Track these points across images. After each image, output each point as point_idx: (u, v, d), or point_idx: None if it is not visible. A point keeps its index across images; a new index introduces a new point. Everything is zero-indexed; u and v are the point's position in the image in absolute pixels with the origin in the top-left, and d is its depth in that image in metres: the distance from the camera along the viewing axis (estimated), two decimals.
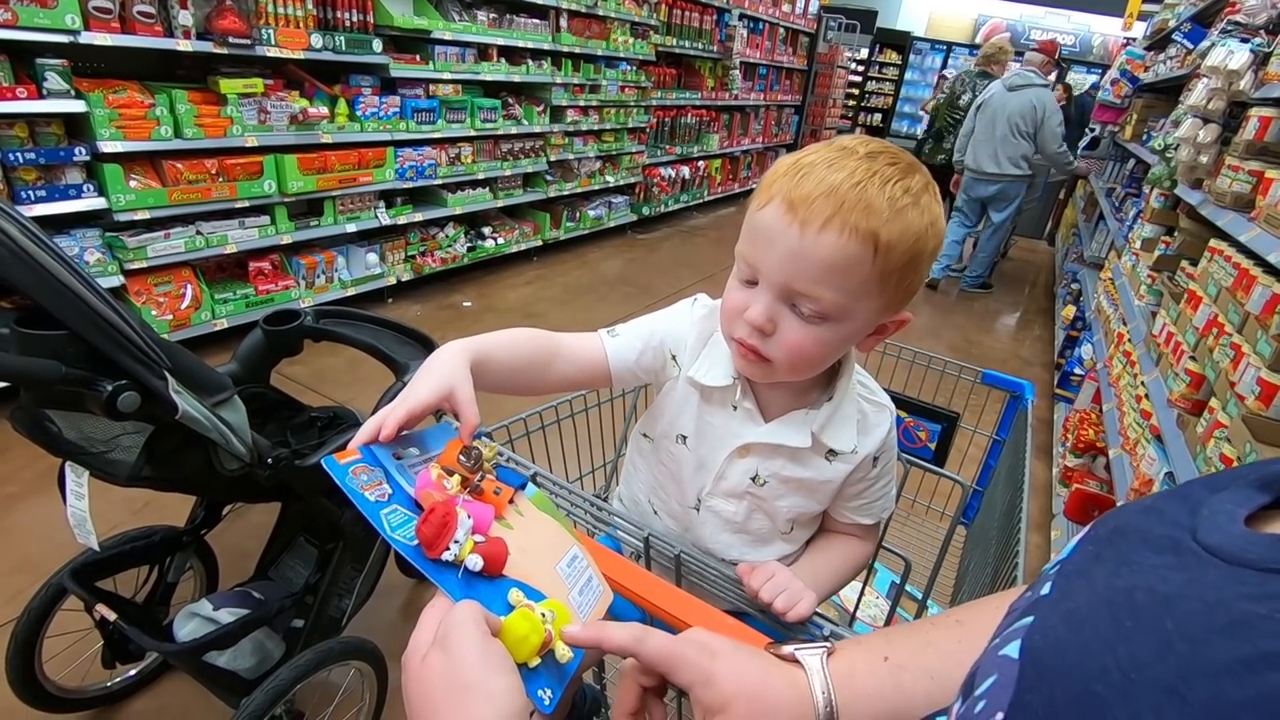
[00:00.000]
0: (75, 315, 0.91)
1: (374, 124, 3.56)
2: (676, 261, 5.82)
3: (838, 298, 0.68)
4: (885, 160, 0.68)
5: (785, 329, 0.71)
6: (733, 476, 0.82)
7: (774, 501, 0.83)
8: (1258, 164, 1.90)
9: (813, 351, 0.72)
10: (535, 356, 0.81)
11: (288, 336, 1.63)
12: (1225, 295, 1.78)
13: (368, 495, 0.56)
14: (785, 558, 0.88)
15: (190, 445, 1.14)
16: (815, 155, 0.70)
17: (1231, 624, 0.24)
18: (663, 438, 0.88)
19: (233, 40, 2.84)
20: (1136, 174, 4.24)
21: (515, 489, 0.65)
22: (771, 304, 0.70)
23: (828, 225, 0.65)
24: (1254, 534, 0.28)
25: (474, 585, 0.55)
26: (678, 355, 0.85)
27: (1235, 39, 2.07)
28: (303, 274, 3.49)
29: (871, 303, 0.70)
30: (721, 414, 0.82)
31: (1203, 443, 1.60)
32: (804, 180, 0.67)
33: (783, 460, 0.81)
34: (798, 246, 0.67)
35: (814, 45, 9.08)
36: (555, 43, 4.60)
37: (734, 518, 0.84)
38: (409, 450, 0.64)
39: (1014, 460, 1.37)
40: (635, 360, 0.85)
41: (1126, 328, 2.76)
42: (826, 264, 0.66)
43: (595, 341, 0.87)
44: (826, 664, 0.53)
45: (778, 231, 0.68)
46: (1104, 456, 2.61)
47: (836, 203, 0.65)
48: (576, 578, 0.62)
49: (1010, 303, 5.77)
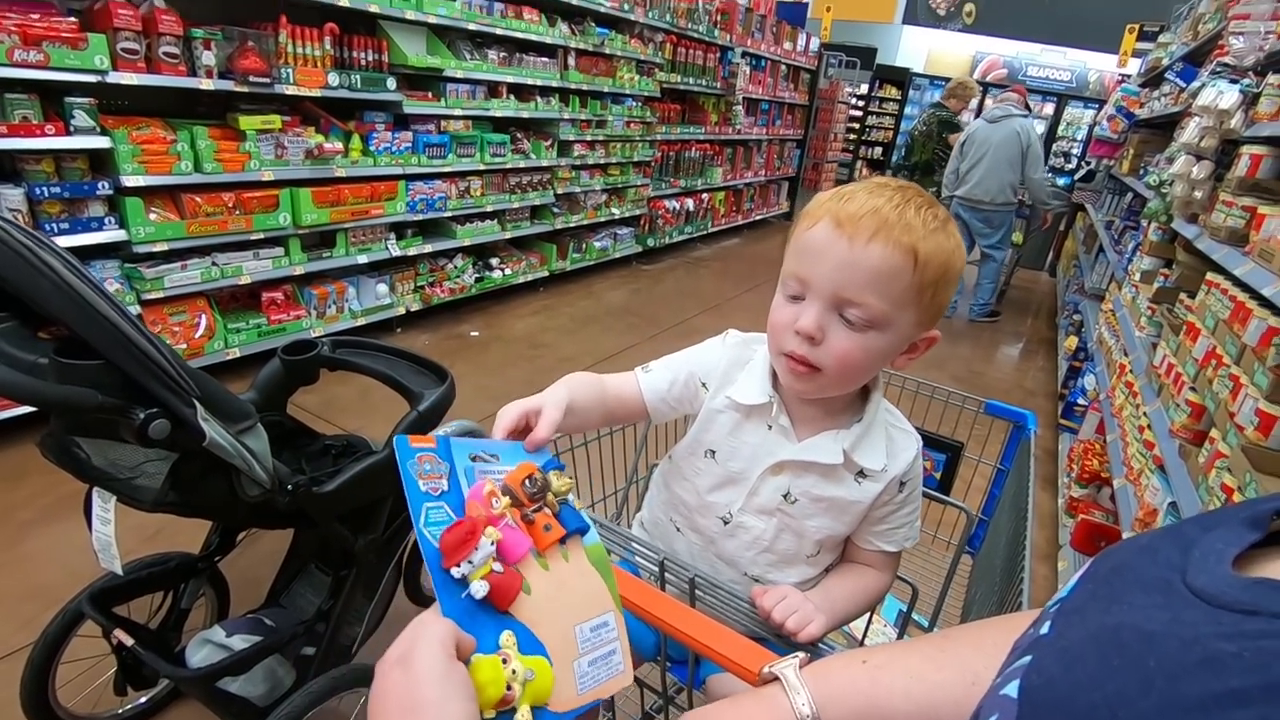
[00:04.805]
0: (113, 346, 0.95)
1: (387, 158, 3.65)
2: (681, 292, 5.88)
3: (883, 305, 0.75)
4: (914, 192, 0.78)
5: (834, 337, 0.77)
6: (765, 493, 0.86)
7: (803, 521, 0.86)
8: (1250, 200, 1.95)
9: (860, 359, 0.77)
10: (593, 397, 0.88)
11: (305, 366, 1.68)
12: (1223, 327, 1.81)
13: (420, 484, 0.56)
14: (805, 582, 0.90)
15: (213, 471, 1.16)
16: (855, 186, 0.79)
17: (1205, 661, 0.26)
18: (689, 455, 0.92)
19: (253, 79, 2.94)
20: (1134, 207, 4.31)
21: (571, 532, 0.63)
22: (822, 313, 0.77)
23: (875, 238, 0.73)
24: (1236, 576, 0.30)
25: (474, 611, 0.54)
26: (707, 383, 0.91)
27: (1225, 79, 2.14)
28: (314, 304, 3.55)
29: (910, 314, 0.77)
30: (757, 433, 0.87)
31: (1204, 473, 1.61)
32: (849, 203, 0.76)
33: (815, 478, 0.85)
34: (848, 256, 0.74)
35: (815, 81, 9.28)
36: (563, 80, 4.73)
37: (763, 535, 0.88)
38: (490, 455, 0.63)
39: (1018, 489, 1.39)
40: (667, 391, 0.92)
41: (1128, 358, 2.79)
42: (874, 272, 0.74)
43: (631, 379, 0.93)
44: (800, 672, 0.54)
45: (828, 244, 0.75)
46: (1109, 487, 2.61)
47: (881, 220, 0.73)
48: (596, 646, 0.59)
49: (1013, 333, 5.81)
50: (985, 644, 0.51)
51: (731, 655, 0.63)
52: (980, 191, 5.26)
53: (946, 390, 1.61)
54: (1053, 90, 13.25)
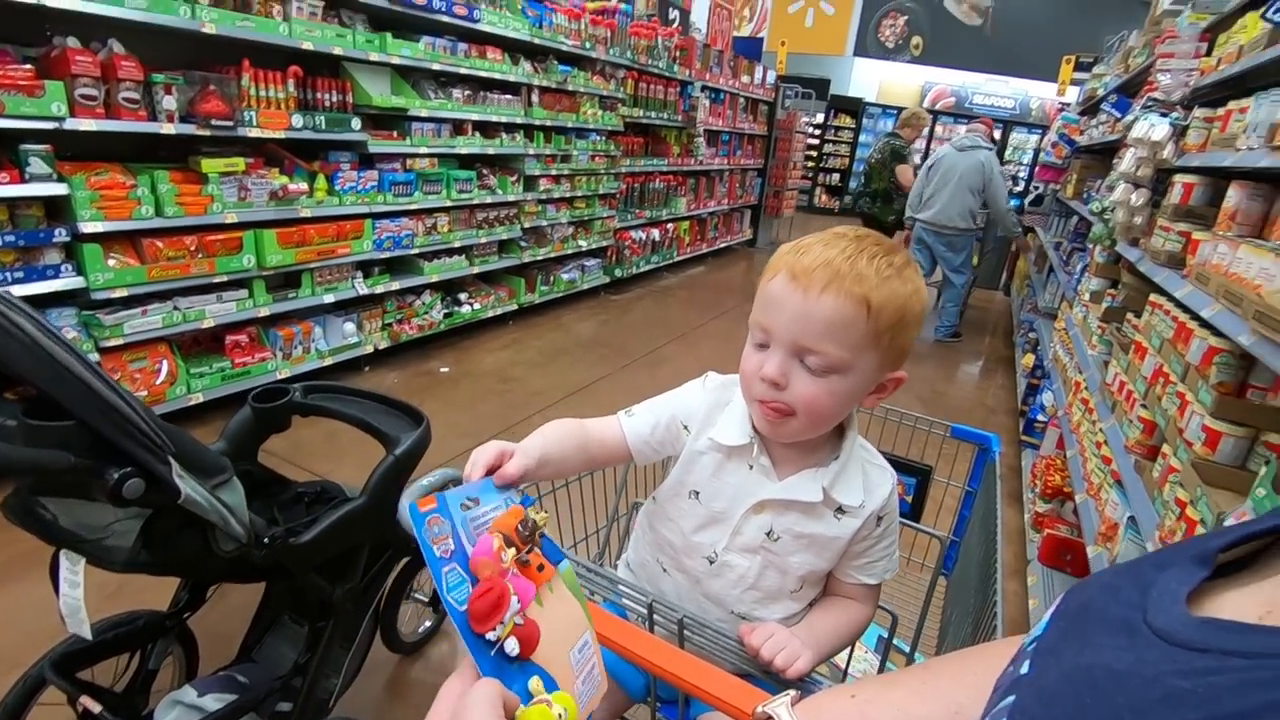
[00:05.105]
0: (86, 405, 0.94)
1: (352, 198, 3.65)
2: (649, 321, 5.93)
3: (840, 351, 0.78)
4: (871, 242, 0.81)
5: (797, 382, 0.80)
6: (749, 531, 0.89)
7: (786, 557, 0.89)
8: (1185, 225, 2.07)
9: (825, 403, 0.81)
10: (575, 444, 0.90)
11: (277, 413, 1.65)
12: (1168, 346, 1.90)
13: (435, 549, 0.57)
14: (790, 617, 0.92)
15: (187, 528, 1.14)
16: (812, 239, 0.82)
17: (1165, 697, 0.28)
18: (673, 496, 0.94)
19: (215, 123, 2.92)
20: (1080, 230, 4.50)
21: (555, 565, 0.66)
22: (784, 360, 0.80)
23: (827, 289, 0.77)
24: (1189, 616, 0.33)
25: (503, 664, 0.56)
26: (689, 425, 0.93)
27: (1156, 113, 2.28)
28: (280, 345, 3.50)
29: (870, 357, 0.80)
30: (738, 473, 0.89)
31: (1159, 487, 1.68)
32: (804, 256, 0.79)
33: (796, 515, 0.87)
34: (803, 308, 0.78)
35: (773, 112, 9.55)
36: (528, 116, 4.80)
37: (748, 573, 0.90)
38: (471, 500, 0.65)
39: (986, 511, 1.43)
40: (650, 434, 0.94)
41: (1082, 376, 2.89)
42: (827, 322, 0.77)
43: (614, 423, 0.95)
44: (793, 710, 0.57)
45: (785, 296, 0.79)
46: (1071, 501, 2.69)
47: (833, 272, 0.77)
48: (583, 666, 0.63)
49: (972, 352, 5.99)
50: (966, 676, 0.53)
51: (724, 696, 0.65)
52: (943, 216, 5.48)
53: (914, 416, 1.66)
54: (998, 117, 13.83)
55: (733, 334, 5.85)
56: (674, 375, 4.54)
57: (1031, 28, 12.55)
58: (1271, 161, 1.55)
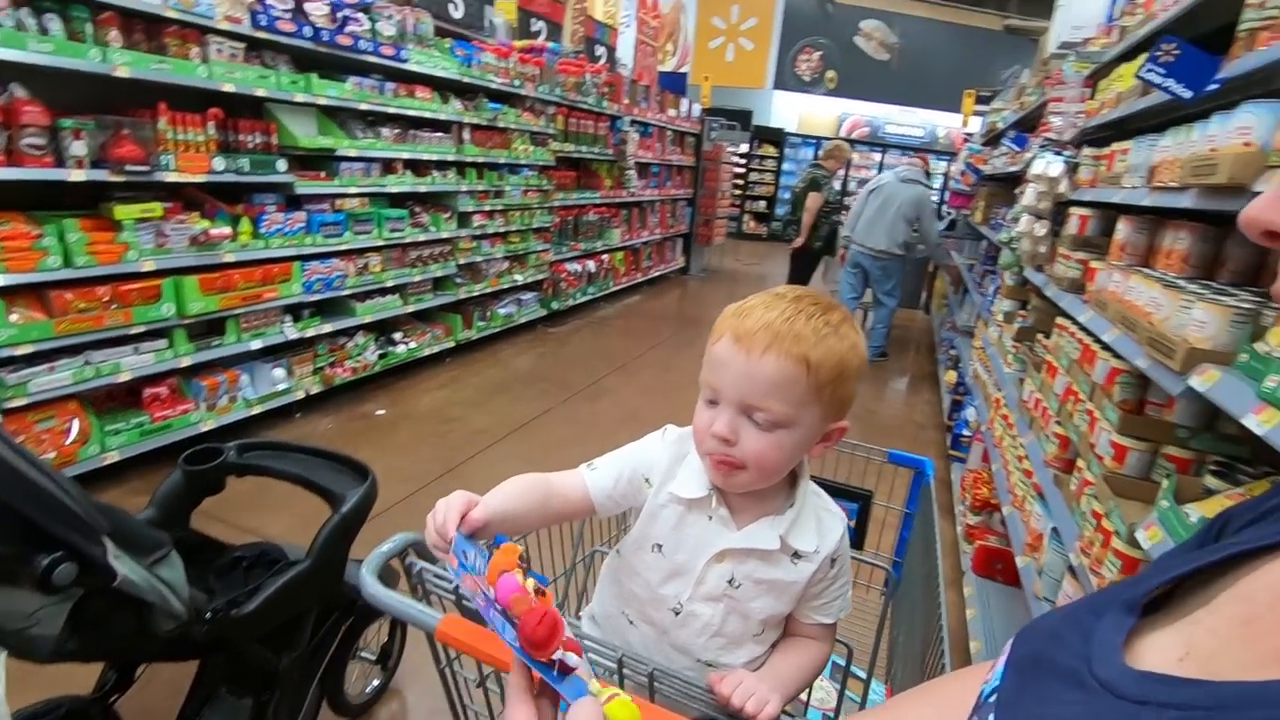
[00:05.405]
0: (11, 490, 0.88)
1: (279, 240, 3.54)
2: (589, 353, 5.95)
3: (785, 408, 0.83)
4: (808, 302, 0.86)
5: (746, 438, 0.84)
6: (711, 580, 0.91)
7: (748, 603, 0.92)
8: (1083, 254, 2.25)
9: (774, 456, 0.85)
10: (538, 498, 0.92)
11: (210, 475, 1.59)
12: (1075, 366, 2.06)
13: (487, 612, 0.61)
14: (755, 659, 0.95)
15: (120, 609, 1.08)
16: (754, 301, 0.87)
17: None
18: (637, 549, 0.96)
19: (130, 168, 2.80)
20: (991, 253, 4.81)
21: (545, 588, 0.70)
22: (733, 417, 0.84)
23: (768, 351, 0.82)
24: (1128, 669, 0.38)
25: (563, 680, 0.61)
26: (650, 478, 0.95)
27: (1051, 151, 2.49)
28: (204, 396, 3.33)
29: (813, 411, 0.85)
30: (698, 524, 0.92)
31: (1076, 499, 1.81)
32: (746, 319, 0.84)
33: (755, 562, 0.91)
34: (747, 369, 0.82)
35: (700, 144, 9.83)
36: (459, 154, 4.79)
37: (712, 621, 0.92)
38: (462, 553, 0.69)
39: (925, 532, 1.51)
40: (613, 488, 0.96)
41: (1001, 393, 3.07)
42: (770, 381, 0.82)
43: (578, 477, 0.97)
44: None
45: (730, 358, 0.84)
46: (1000, 513, 2.84)
47: (773, 334, 0.82)
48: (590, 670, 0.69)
49: (899, 370, 6.26)
50: (927, 715, 0.57)
51: None
52: (873, 240, 5.78)
53: (853, 443, 1.73)
54: (909, 145, 14.76)
55: (671, 363, 5.93)
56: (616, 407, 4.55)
57: (934, 63, 13.43)
58: (1153, 200, 1.73)
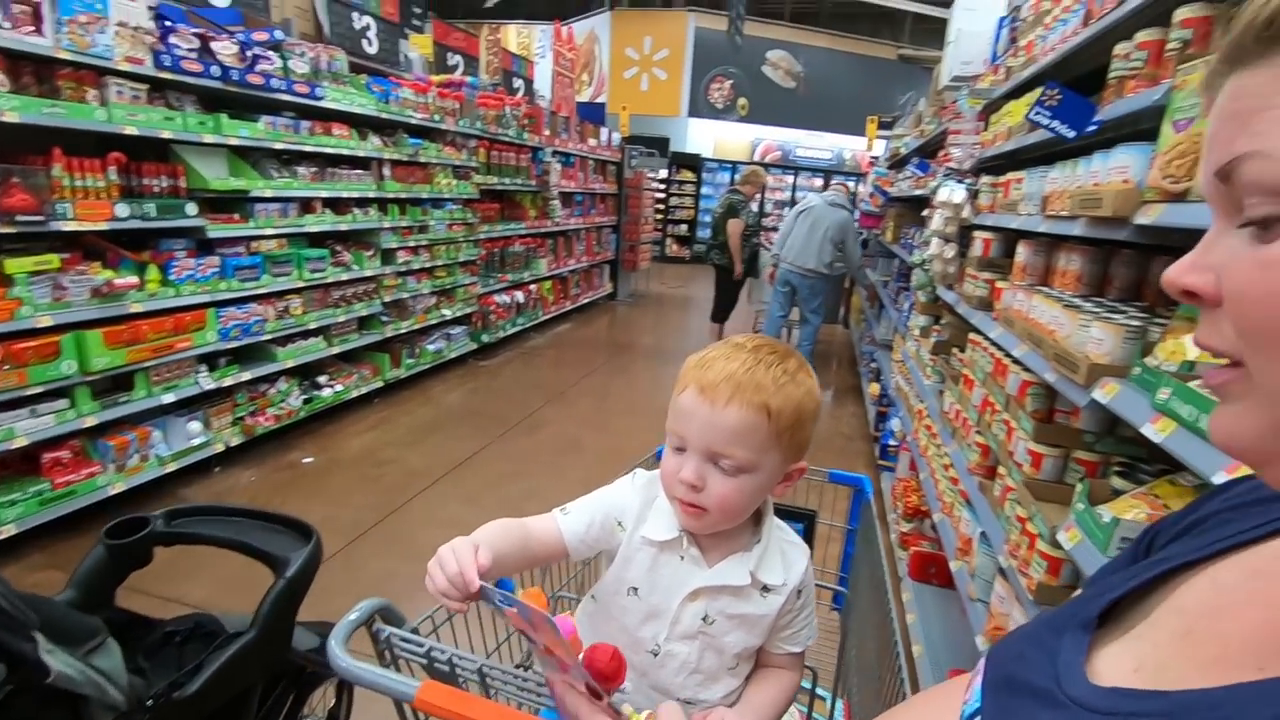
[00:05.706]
0: None
1: (191, 287, 3.37)
2: (522, 384, 5.90)
3: (748, 454, 0.88)
4: (766, 351, 0.91)
5: (713, 483, 0.89)
6: (686, 619, 0.94)
7: (722, 638, 0.95)
8: (989, 274, 2.43)
9: (738, 499, 0.90)
10: (516, 543, 0.94)
11: (136, 548, 1.49)
12: (990, 379, 2.21)
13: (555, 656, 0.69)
14: (731, 693, 0.98)
15: (52, 704, 1.00)
16: (715, 352, 0.92)
17: None
18: (613, 594, 0.98)
19: (21, 218, 2.62)
20: (903, 270, 5.09)
21: None
22: (699, 464, 0.89)
23: (731, 401, 0.86)
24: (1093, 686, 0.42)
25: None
26: (623, 522, 0.98)
27: (954, 180, 2.69)
28: (111, 457, 3.11)
29: (775, 455, 0.90)
30: (670, 565, 0.95)
31: (1000, 504, 1.94)
32: (708, 371, 0.89)
33: (728, 598, 0.94)
34: (711, 419, 0.87)
35: (621, 171, 9.99)
36: (380, 190, 4.70)
37: (689, 658, 0.95)
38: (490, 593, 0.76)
39: (868, 546, 1.58)
40: (585, 532, 0.98)
41: (923, 404, 3.23)
42: (733, 430, 0.87)
43: (551, 522, 0.99)
44: None
45: (695, 409, 0.88)
46: (930, 519, 2.98)
47: (735, 385, 0.87)
48: None
49: (823, 383, 6.49)
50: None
51: None
52: (804, 259, 6.01)
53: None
54: (818, 167, 15.49)
55: (608, 390, 5.95)
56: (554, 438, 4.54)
57: (837, 90, 14.19)
58: (1048, 228, 1.90)
